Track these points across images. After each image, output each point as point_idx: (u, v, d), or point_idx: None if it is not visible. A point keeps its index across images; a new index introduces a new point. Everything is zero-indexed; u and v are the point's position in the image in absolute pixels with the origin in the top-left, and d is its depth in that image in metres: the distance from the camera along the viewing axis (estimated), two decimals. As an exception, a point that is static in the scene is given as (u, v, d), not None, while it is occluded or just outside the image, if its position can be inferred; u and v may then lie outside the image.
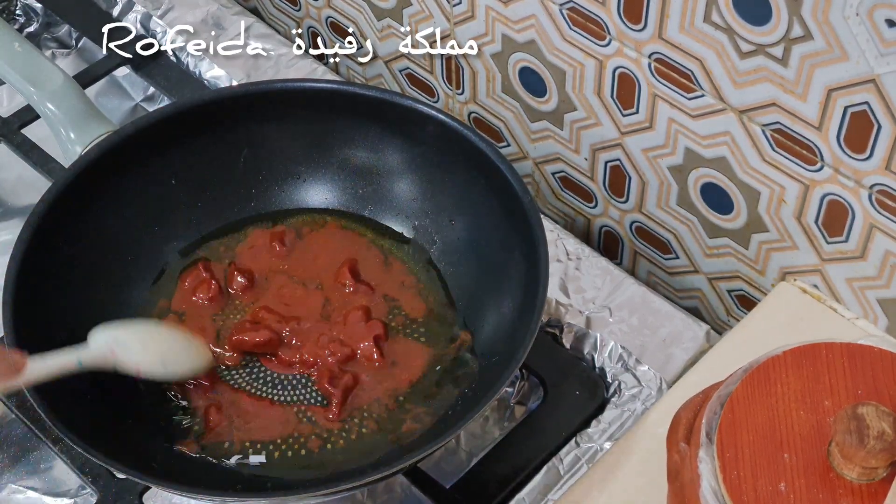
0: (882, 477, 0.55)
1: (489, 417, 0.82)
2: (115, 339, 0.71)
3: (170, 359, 0.74)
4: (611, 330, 0.82)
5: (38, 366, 0.66)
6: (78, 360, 0.69)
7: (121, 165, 0.80)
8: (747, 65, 0.71)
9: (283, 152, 0.85)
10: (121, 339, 0.72)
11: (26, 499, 0.78)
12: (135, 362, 0.72)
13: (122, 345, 0.71)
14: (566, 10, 0.80)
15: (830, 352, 0.60)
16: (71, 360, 0.69)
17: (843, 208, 0.73)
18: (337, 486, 0.67)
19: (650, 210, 0.86)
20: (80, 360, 0.69)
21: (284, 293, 0.80)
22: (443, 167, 0.82)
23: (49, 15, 1.09)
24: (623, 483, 0.72)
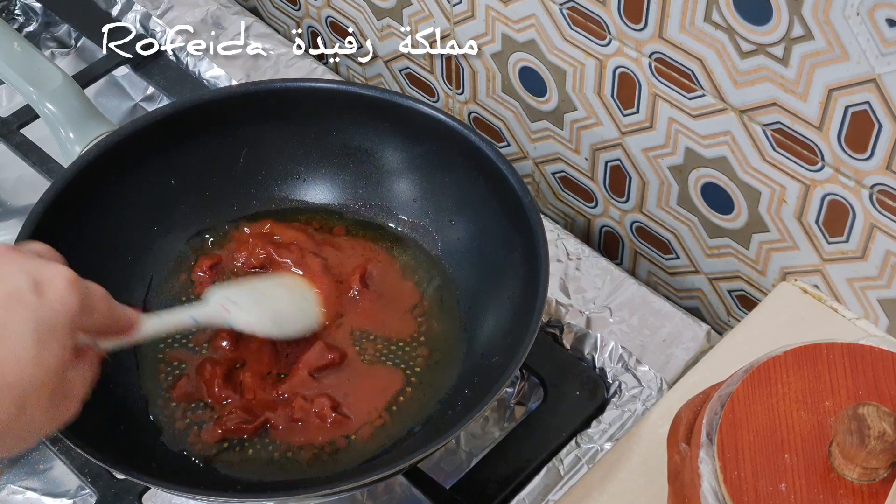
0: (883, 477, 0.55)
1: (489, 417, 0.82)
2: (227, 297, 0.71)
3: (282, 317, 0.74)
4: (611, 330, 0.81)
5: (153, 321, 0.66)
6: (192, 318, 0.69)
7: (120, 165, 0.80)
8: (748, 64, 0.71)
9: (282, 152, 0.85)
10: (234, 296, 0.71)
11: (25, 499, 0.78)
12: (247, 320, 0.71)
13: (235, 302, 0.70)
14: (566, 9, 0.80)
15: (831, 352, 0.60)
16: (185, 318, 0.68)
17: (844, 208, 0.73)
18: (337, 486, 0.67)
19: (650, 210, 0.86)
20: (193, 318, 0.69)
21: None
22: (443, 167, 0.82)
23: (48, 15, 1.09)
24: (623, 483, 0.72)
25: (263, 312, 0.72)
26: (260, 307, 0.72)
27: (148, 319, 0.65)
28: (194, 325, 0.69)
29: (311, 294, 0.76)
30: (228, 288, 0.73)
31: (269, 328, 0.73)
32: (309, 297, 0.76)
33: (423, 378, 0.77)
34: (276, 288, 0.76)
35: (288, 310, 0.75)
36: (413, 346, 0.78)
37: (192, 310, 0.69)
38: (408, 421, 0.75)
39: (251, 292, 0.73)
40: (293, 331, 0.75)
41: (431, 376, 0.77)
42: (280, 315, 0.74)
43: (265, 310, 0.73)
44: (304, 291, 0.77)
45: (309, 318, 0.76)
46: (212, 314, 0.70)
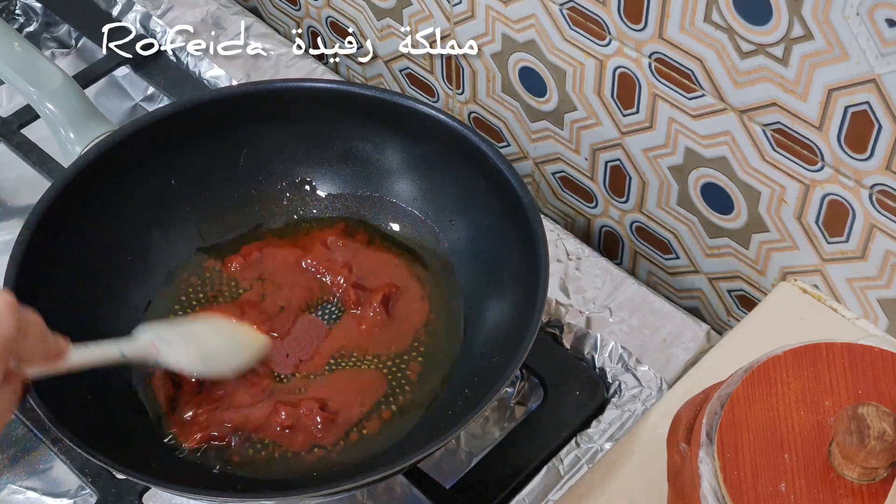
0: (882, 477, 0.55)
1: (489, 417, 0.82)
2: (158, 336, 0.71)
3: (212, 358, 0.74)
4: (611, 330, 0.81)
5: (81, 353, 0.66)
6: (120, 352, 0.69)
7: (120, 165, 0.80)
8: (748, 64, 0.71)
9: (283, 152, 0.85)
10: (164, 335, 0.72)
11: (26, 499, 0.78)
12: (175, 359, 0.71)
13: (164, 341, 0.71)
14: (566, 9, 0.80)
15: (831, 352, 0.60)
16: (114, 352, 0.69)
17: (844, 208, 0.73)
18: (337, 486, 0.67)
19: (650, 210, 0.86)
20: (122, 352, 0.69)
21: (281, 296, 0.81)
22: (443, 167, 0.82)
23: (49, 15, 1.09)
24: (623, 483, 0.72)
25: (193, 352, 0.73)
26: (190, 347, 0.73)
27: (76, 350, 0.65)
28: (122, 359, 0.69)
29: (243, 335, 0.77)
30: (159, 327, 0.73)
31: (198, 367, 0.73)
32: (241, 339, 0.77)
33: (423, 378, 0.77)
34: (207, 328, 0.76)
35: (219, 350, 0.75)
36: (413, 345, 0.78)
37: (121, 345, 0.69)
38: (408, 421, 0.75)
39: (182, 331, 0.74)
40: (222, 371, 0.75)
41: (431, 376, 0.77)
42: (210, 355, 0.74)
43: (195, 350, 0.73)
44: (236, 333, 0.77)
45: (239, 359, 0.75)
46: (141, 350, 0.70)
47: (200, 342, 0.74)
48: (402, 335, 0.79)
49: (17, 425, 0.80)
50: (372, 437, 0.74)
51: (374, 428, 0.75)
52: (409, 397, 0.76)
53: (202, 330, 0.76)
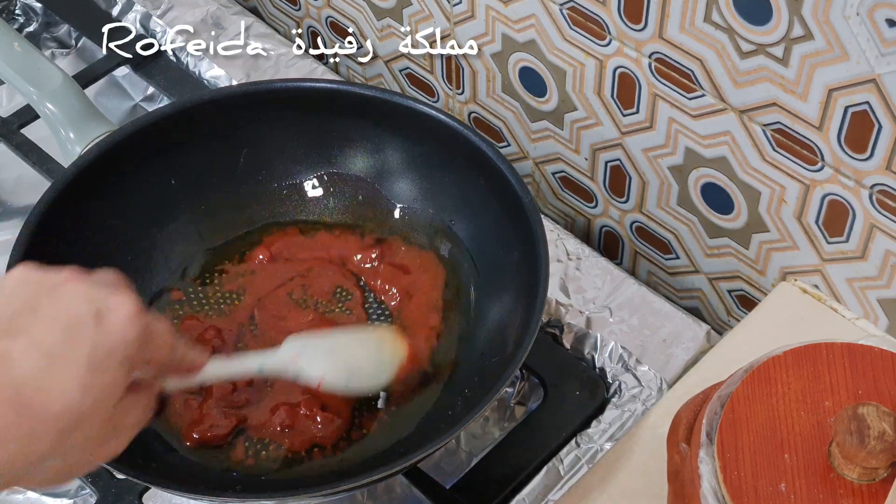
0: (882, 477, 0.55)
1: (489, 417, 0.82)
2: (303, 345, 0.68)
3: (356, 373, 0.70)
4: (611, 330, 0.81)
5: (218, 365, 0.64)
6: (259, 367, 0.66)
7: (120, 165, 0.80)
8: (748, 64, 0.71)
9: (283, 152, 0.85)
10: (310, 344, 0.68)
11: (26, 499, 0.78)
12: (319, 374, 0.67)
13: (309, 351, 0.68)
14: (566, 9, 0.80)
15: (831, 352, 0.60)
16: (252, 366, 0.66)
17: (844, 208, 0.73)
18: (337, 486, 0.67)
19: (650, 210, 0.86)
20: (261, 367, 0.66)
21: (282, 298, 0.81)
22: (443, 167, 0.82)
23: (49, 15, 1.09)
24: (623, 483, 0.72)
25: (337, 365, 0.69)
26: (333, 360, 0.69)
27: (213, 363, 0.63)
28: (260, 374, 0.67)
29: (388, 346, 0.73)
30: (310, 336, 0.70)
31: (342, 382, 0.69)
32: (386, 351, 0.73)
33: (423, 377, 0.77)
34: (351, 340, 0.73)
35: (363, 364, 0.71)
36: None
37: (263, 358, 0.67)
38: (408, 421, 0.75)
39: (326, 343, 0.70)
40: (367, 386, 0.72)
41: (431, 376, 0.77)
42: (354, 369, 0.70)
43: (339, 362, 0.69)
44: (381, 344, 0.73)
45: (384, 373, 0.72)
46: (281, 364, 0.67)
47: (345, 355, 0.70)
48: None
49: (17, 425, 0.80)
50: (372, 437, 0.74)
51: (374, 428, 0.75)
52: (408, 398, 0.76)
53: (346, 341, 0.72)
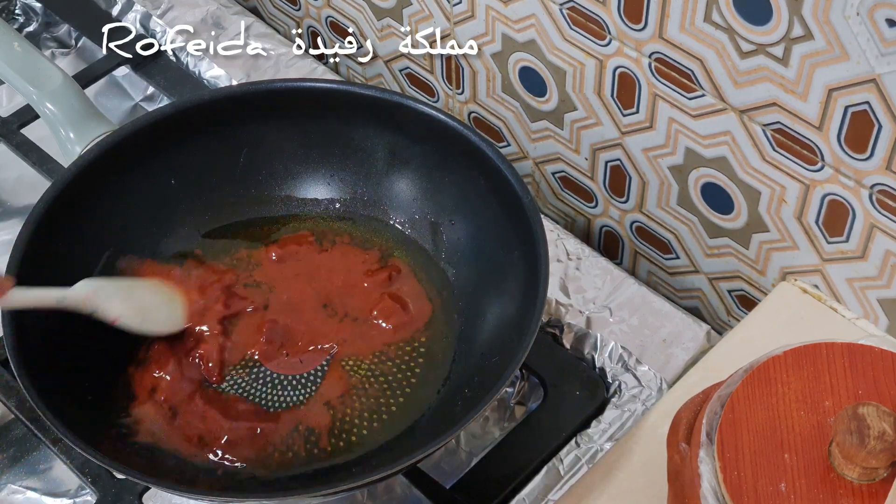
0: (882, 477, 0.55)
1: (489, 417, 0.82)
2: (98, 286, 0.74)
3: (149, 313, 0.76)
4: (611, 330, 0.81)
5: (22, 293, 0.69)
6: (59, 298, 0.71)
7: (120, 165, 0.80)
8: (748, 64, 0.71)
9: (283, 152, 0.85)
10: (104, 286, 0.75)
11: (26, 499, 0.78)
12: (115, 312, 0.74)
13: (103, 291, 0.74)
14: (566, 9, 0.80)
15: (831, 352, 0.60)
16: (52, 296, 0.71)
17: (844, 208, 0.73)
18: (337, 487, 0.67)
19: (650, 210, 0.86)
20: (61, 298, 0.71)
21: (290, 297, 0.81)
22: (443, 167, 0.82)
23: (49, 15, 1.09)
24: (623, 483, 0.72)
25: (131, 307, 0.75)
26: (128, 302, 0.75)
27: (18, 291, 0.68)
28: (60, 305, 0.72)
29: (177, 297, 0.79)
30: (100, 280, 0.76)
31: (136, 322, 0.75)
32: (176, 300, 0.79)
33: (423, 378, 0.77)
34: (145, 287, 0.79)
35: (155, 306, 0.77)
36: (412, 345, 0.78)
37: (62, 291, 0.72)
38: (407, 421, 0.75)
39: (122, 287, 0.77)
40: (156, 327, 0.77)
41: (431, 376, 0.77)
42: (147, 312, 0.76)
43: (132, 302, 0.75)
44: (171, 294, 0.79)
45: (174, 318, 0.77)
46: (79, 299, 0.72)
47: (139, 299, 0.77)
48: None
49: (16, 425, 0.80)
50: (372, 437, 0.74)
51: (374, 428, 0.75)
52: (408, 398, 0.76)
53: (140, 287, 0.78)
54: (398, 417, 0.75)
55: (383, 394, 0.76)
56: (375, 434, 0.74)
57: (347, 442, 0.74)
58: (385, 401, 0.76)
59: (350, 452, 0.74)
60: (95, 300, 0.73)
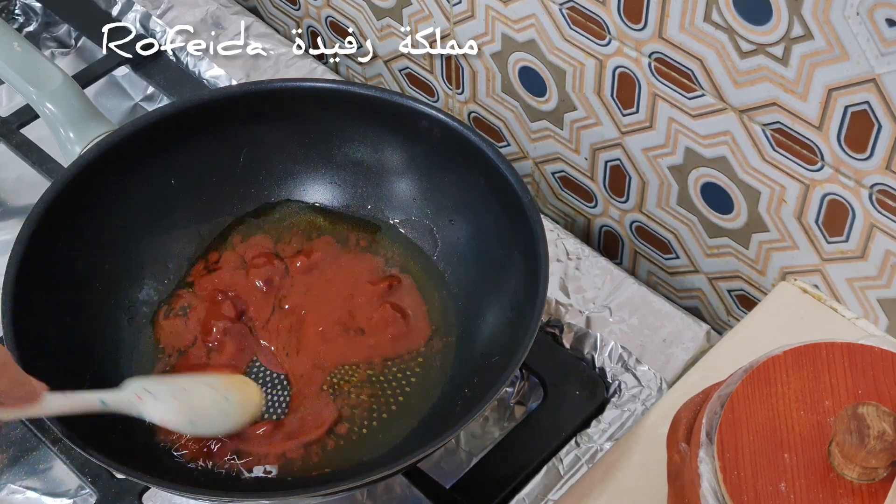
0: (882, 477, 0.55)
1: (489, 417, 0.82)
2: (144, 388, 0.68)
3: (201, 416, 0.70)
4: (611, 330, 0.81)
5: (58, 399, 0.63)
6: (101, 401, 0.66)
7: (120, 165, 0.80)
8: (747, 64, 0.71)
9: (282, 152, 0.85)
10: (151, 388, 0.68)
11: (26, 499, 0.78)
12: (161, 415, 0.68)
13: (151, 394, 0.68)
14: (566, 9, 0.80)
15: (831, 352, 0.60)
16: (94, 401, 0.65)
17: (844, 208, 0.73)
18: (337, 487, 0.67)
19: (650, 210, 0.86)
20: (103, 401, 0.66)
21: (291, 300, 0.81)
22: (443, 167, 0.82)
23: (48, 14, 1.09)
24: (623, 483, 0.72)
25: (180, 408, 0.69)
26: (177, 403, 0.69)
27: (53, 396, 0.62)
28: (103, 409, 0.66)
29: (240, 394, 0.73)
30: (148, 379, 0.70)
31: (183, 424, 0.69)
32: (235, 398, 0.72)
33: (423, 378, 0.77)
34: (199, 385, 0.72)
35: (208, 408, 0.71)
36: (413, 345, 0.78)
37: (104, 394, 0.66)
38: (407, 421, 0.75)
39: (171, 386, 0.70)
40: (208, 431, 0.71)
41: (431, 376, 0.77)
42: (198, 413, 0.70)
43: (183, 406, 0.69)
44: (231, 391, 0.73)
45: (231, 420, 0.72)
46: (124, 402, 0.67)
47: (190, 398, 0.70)
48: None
49: (16, 425, 0.80)
50: (372, 437, 0.74)
51: (374, 428, 0.75)
52: (408, 397, 0.76)
53: (193, 386, 0.72)
54: (398, 417, 0.75)
55: (383, 394, 0.76)
56: (375, 434, 0.74)
57: (347, 442, 0.74)
58: (385, 401, 0.76)
59: (350, 452, 0.74)
60: (140, 405, 0.67)
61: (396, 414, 0.75)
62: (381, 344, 0.78)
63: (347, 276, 0.82)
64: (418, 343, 0.78)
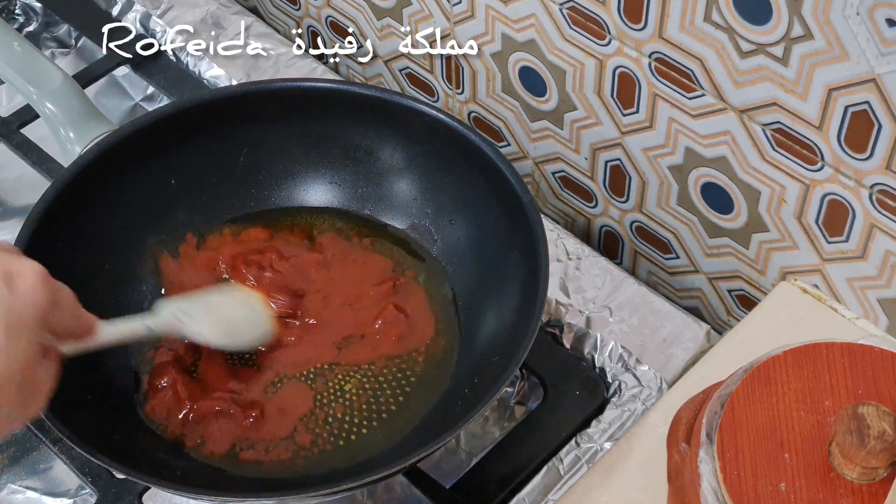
0: (882, 477, 0.55)
1: (489, 417, 0.82)
2: (180, 309, 0.71)
3: (235, 328, 0.74)
4: (611, 330, 0.81)
5: (109, 329, 0.66)
6: (146, 326, 0.69)
7: (120, 165, 0.80)
8: (748, 64, 0.71)
9: (282, 152, 0.85)
10: (185, 308, 0.72)
11: (26, 499, 0.78)
12: (200, 330, 0.72)
13: (187, 313, 0.71)
14: (566, 9, 0.80)
15: (831, 351, 0.60)
16: (139, 327, 0.69)
17: (844, 208, 0.73)
18: (337, 486, 0.67)
19: (650, 210, 0.86)
20: (148, 326, 0.69)
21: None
22: (443, 167, 0.82)
23: (48, 14, 1.09)
24: (623, 483, 0.72)
25: (216, 323, 0.73)
26: (212, 318, 0.73)
27: (105, 326, 0.65)
28: (149, 333, 0.70)
29: (261, 307, 0.77)
30: (180, 300, 0.73)
31: (222, 338, 0.73)
32: (260, 310, 0.77)
33: (423, 378, 0.77)
34: (227, 300, 0.77)
35: (240, 321, 0.75)
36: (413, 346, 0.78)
37: (146, 319, 0.69)
38: (407, 421, 0.75)
39: (203, 304, 0.74)
40: (245, 341, 0.75)
41: (431, 376, 0.77)
42: (232, 326, 0.74)
43: (218, 320, 0.73)
44: (255, 304, 0.77)
45: (261, 329, 0.76)
46: (166, 324, 0.70)
47: (222, 313, 0.74)
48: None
49: (17, 425, 0.80)
50: (372, 437, 0.74)
51: (375, 428, 0.75)
52: (408, 397, 0.76)
53: (222, 301, 0.76)
54: (398, 417, 0.75)
55: (383, 394, 0.76)
56: (375, 434, 0.74)
57: (347, 442, 0.74)
58: (385, 401, 0.76)
59: (350, 452, 0.74)
60: (182, 324, 0.71)
61: (396, 414, 0.75)
62: (382, 344, 0.78)
63: (349, 276, 0.82)
64: (419, 343, 0.78)
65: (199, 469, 0.72)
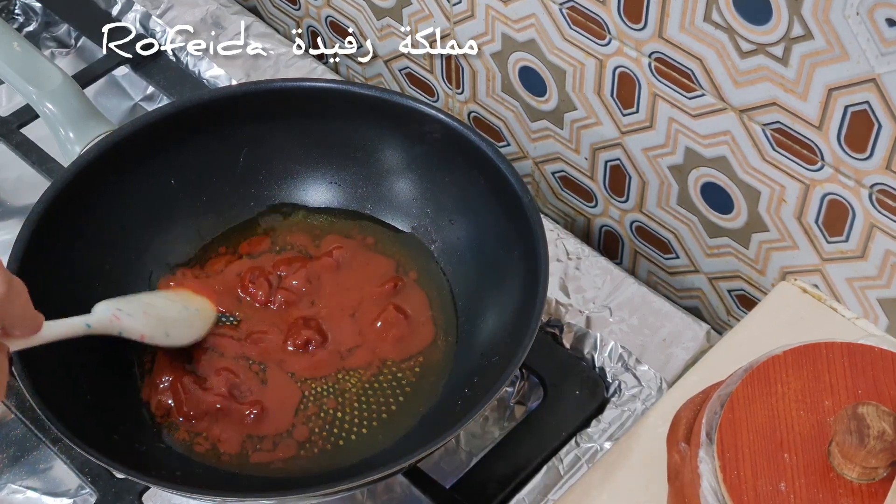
0: (882, 477, 0.55)
1: (489, 417, 0.82)
2: (118, 308, 0.73)
3: (171, 329, 0.76)
4: (611, 330, 0.81)
5: (52, 326, 0.67)
6: (86, 324, 0.70)
7: (120, 165, 0.80)
8: (748, 64, 0.71)
9: (282, 152, 0.85)
10: (124, 307, 0.73)
11: (26, 499, 0.78)
12: (139, 330, 0.73)
13: (125, 312, 0.73)
14: (566, 9, 0.80)
15: (831, 351, 0.60)
16: (80, 325, 0.70)
17: (844, 208, 0.73)
18: (337, 486, 0.67)
19: (650, 210, 0.86)
20: (88, 324, 0.70)
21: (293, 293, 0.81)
22: (443, 167, 0.82)
23: (48, 14, 1.09)
24: (623, 483, 0.72)
25: (153, 321, 0.75)
26: (149, 316, 0.75)
27: (49, 324, 0.66)
28: (89, 331, 0.70)
29: (197, 304, 0.79)
30: (118, 300, 0.74)
31: (159, 336, 0.75)
32: (194, 308, 0.79)
33: (423, 378, 0.77)
34: (163, 300, 0.78)
35: (175, 319, 0.77)
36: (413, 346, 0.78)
37: (86, 318, 0.71)
38: (407, 420, 0.75)
39: (140, 303, 0.76)
40: (179, 340, 0.76)
41: (431, 376, 0.77)
42: (168, 323, 0.76)
43: (154, 318, 0.75)
44: (189, 302, 0.79)
45: (195, 328, 0.78)
46: (104, 322, 0.71)
47: (159, 312, 0.76)
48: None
49: (17, 425, 0.80)
50: (372, 437, 0.74)
51: (375, 428, 0.75)
52: (408, 397, 0.76)
53: (158, 301, 0.77)
54: (398, 417, 0.75)
55: (383, 394, 0.76)
56: (375, 434, 0.74)
57: (347, 441, 0.74)
58: (385, 401, 0.76)
59: (350, 452, 0.74)
60: (120, 322, 0.72)
61: (396, 414, 0.75)
62: (382, 345, 0.78)
63: (353, 280, 0.81)
64: (419, 344, 0.78)
65: (199, 469, 0.72)
